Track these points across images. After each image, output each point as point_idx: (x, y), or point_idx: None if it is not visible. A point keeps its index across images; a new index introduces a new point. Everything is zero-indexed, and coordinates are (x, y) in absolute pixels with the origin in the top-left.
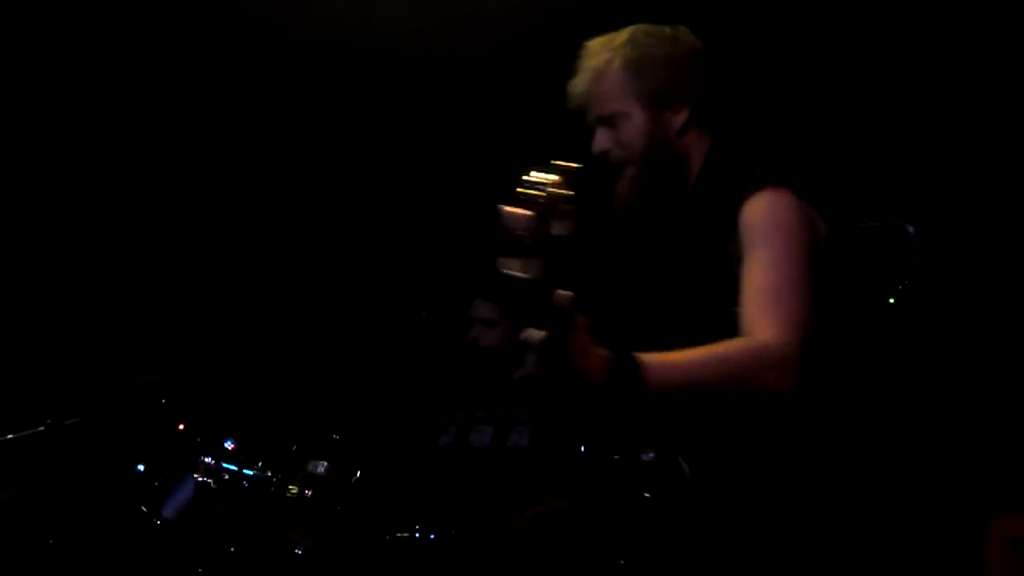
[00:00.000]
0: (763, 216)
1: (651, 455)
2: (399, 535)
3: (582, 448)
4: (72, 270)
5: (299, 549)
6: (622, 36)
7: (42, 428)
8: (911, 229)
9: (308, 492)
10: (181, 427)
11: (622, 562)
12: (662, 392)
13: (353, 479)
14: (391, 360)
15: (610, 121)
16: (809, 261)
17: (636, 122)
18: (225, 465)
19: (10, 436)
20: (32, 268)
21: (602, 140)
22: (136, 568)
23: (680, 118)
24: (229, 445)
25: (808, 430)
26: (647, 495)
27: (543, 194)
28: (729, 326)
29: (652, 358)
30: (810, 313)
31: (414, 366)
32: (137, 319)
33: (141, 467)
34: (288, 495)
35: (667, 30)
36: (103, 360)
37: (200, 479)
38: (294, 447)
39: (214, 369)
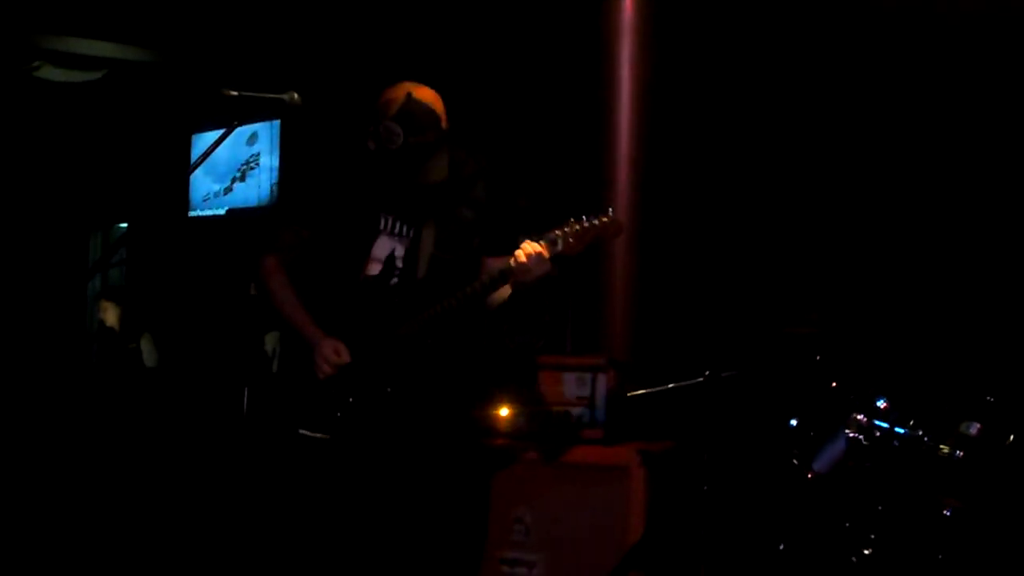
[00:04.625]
0: None
1: None
2: None
3: None
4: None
5: (948, 510)
6: None
7: (700, 379)
8: None
9: (959, 453)
10: (834, 383)
11: None
12: None
13: (1007, 442)
14: None
15: None
16: None
17: None
18: (877, 422)
19: (671, 385)
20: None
21: None
22: (785, 518)
23: None
24: (881, 403)
25: None
26: None
27: None
28: None
29: None
30: None
31: None
32: (794, 274)
33: (794, 421)
34: (939, 455)
35: None
36: (760, 313)
37: (851, 435)
38: (947, 407)
39: (869, 327)
